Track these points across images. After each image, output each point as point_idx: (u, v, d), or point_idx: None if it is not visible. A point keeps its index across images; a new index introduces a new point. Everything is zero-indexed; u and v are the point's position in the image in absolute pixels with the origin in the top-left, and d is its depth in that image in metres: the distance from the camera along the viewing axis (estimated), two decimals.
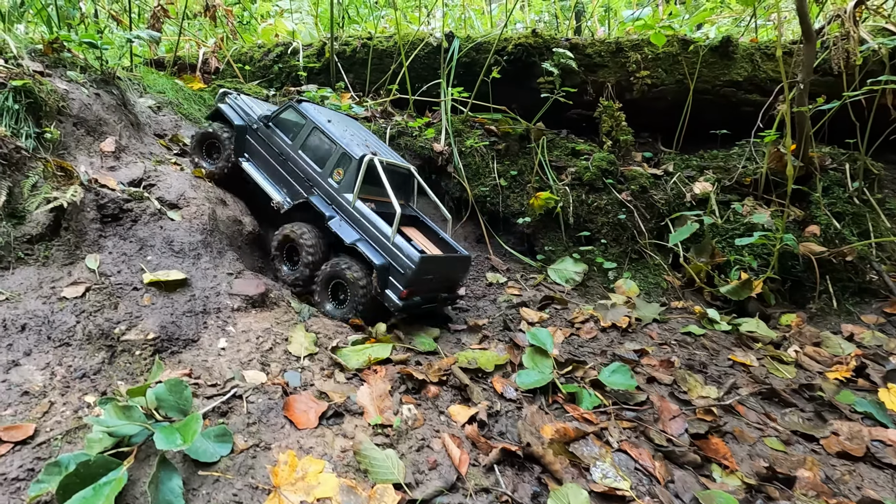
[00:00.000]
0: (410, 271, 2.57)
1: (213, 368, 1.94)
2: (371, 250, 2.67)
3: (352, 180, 2.79)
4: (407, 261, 2.58)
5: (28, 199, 2.41)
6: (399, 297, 2.60)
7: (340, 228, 2.77)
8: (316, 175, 2.93)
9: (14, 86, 2.59)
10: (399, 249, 2.61)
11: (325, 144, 2.93)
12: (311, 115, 2.99)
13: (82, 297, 2.10)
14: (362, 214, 2.75)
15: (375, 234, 2.69)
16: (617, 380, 2.28)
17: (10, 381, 1.76)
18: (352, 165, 2.80)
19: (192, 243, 2.57)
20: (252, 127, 3.19)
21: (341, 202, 2.82)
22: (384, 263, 2.64)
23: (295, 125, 3.06)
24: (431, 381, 2.14)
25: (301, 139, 3.00)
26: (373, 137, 3.35)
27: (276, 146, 3.09)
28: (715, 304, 3.50)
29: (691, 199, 3.93)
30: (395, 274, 2.62)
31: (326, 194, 2.88)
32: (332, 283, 2.75)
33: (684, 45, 4.47)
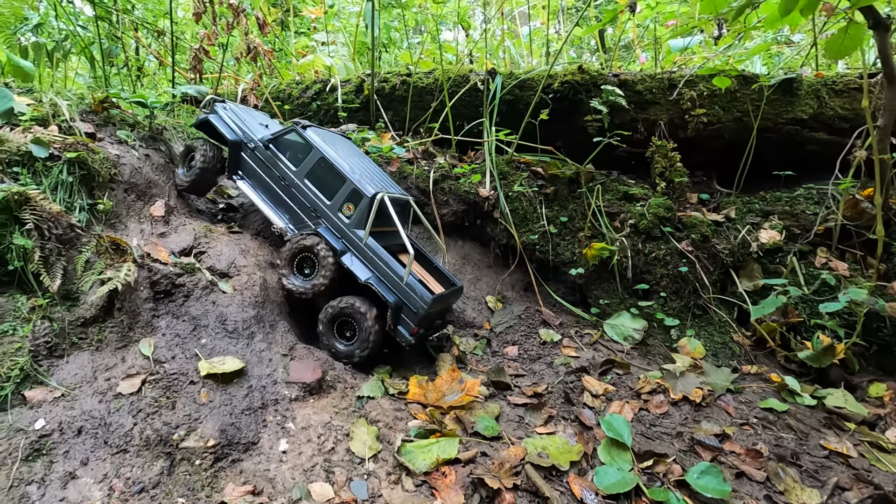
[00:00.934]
0: (423, 311, 2.69)
1: (276, 480, 1.80)
2: (384, 288, 2.74)
3: (363, 217, 2.80)
4: (420, 301, 2.69)
5: (82, 278, 2.34)
6: (410, 333, 2.73)
7: (353, 265, 2.80)
8: (324, 207, 2.91)
9: (68, 157, 2.54)
10: (412, 289, 2.71)
11: (333, 177, 2.88)
12: (317, 145, 2.92)
13: (138, 393, 2.01)
14: (375, 253, 2.80)
15: (388, 272, 2.75)
16: (707, 483, 2.06)
17: (68, 499, 1.66)
18: (363, 202, 2.80)
19: (245, 320, 2.46)
20: (248, 145, 3.09)
21: (352, 238, 2.84)
22: (397, 302, 2.72)
23: (300, 151, 3.00)
24: (506, 487, 1.97)
25: (307, 167, 2.95)
26: (372, 165, 3.32)
27: (278, 170, 3.02)
28: (791, 369, 3.24)
29: (758, 250, 3.68)
30: (408, 312, 2.73)
31: (335, 227, 2.89)
32: (338, 322, 2.78)
33: (744, 82, 4.23)
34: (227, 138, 3.08)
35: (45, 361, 2.05)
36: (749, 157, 4.19)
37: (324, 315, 2.77)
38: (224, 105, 3.30)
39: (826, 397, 2.89)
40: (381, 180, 3.14)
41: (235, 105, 3.39)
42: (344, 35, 7.03)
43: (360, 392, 2.43)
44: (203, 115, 3.22)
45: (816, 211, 3.83)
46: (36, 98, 3.09)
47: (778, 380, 3.02)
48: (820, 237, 3.71)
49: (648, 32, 5.88)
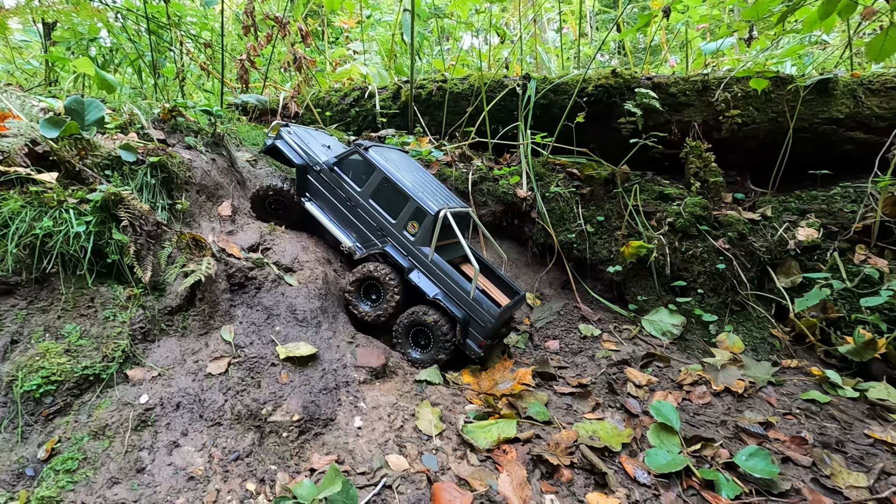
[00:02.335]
0: (490, 324, 2.78)
1: (355, 452, 1.97)
2: (452, 304, 2.83)
3: (427, 235, 2.89)
4: (487, 315, 2.78)
5: (166, 271, 2.56)
6: (479, 346, 2.82)
7: (420, 281, 2.90)
8: (389, 225, 3.00)
9: (151, 161, 2.78)
10: (479, 304, 2.79)
11: (397, 196, 2.97)
12: (380, 165, 3.01)
13: (226, 374, 2.21)
14: (441, 269, 2.89)
15: (455, 288, 2.84)
16: (756, 465, 2.16)
17: (175, 464, 1.86)
18: (427, 220, 2.89)
19: (312, 310, 2.65)
20: (314, 168, 3.20)
21: (418, 255, 2.92)
22: (465, 317, 2.81)
23: (363, 172, 3.08)
24: (564, 464, 2.10)
25: (371, 188, 3.03)
26: (431, 179, 3.37)
27: (343, 190, 3.12)
28: (831, 364, 3.29)
29: (795, 247, 3.74)
30: (476, 326, 2.81)
31: (401, 245, 2.97)
32: (413, 331, 2.90)
33: (778, 83, 4.29)
34: (295, 163, 3.21)
35: (140, 345, 2.27)
36: (785, 157, 4.25)
37: (398, 326, 2.90)
38: (288, 129, 3.39)
39: (868, 390, 2.94)
40: (441, 194, 3.21)
41: (298, 127, 3.49)
42: (378, 44, 7.28)
43: (419, 377, 2.60)
44: (270, 141, 3.34)
45: (854, 209, 3.87)
46: (113, 108, 3.36)
47: (819, 373, 3.09)
48: (858, 234, 3.75)
49: (679, 36, 5.97)
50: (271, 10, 5.66)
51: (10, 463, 1.78)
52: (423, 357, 2.86)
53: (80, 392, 2.02)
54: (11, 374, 1.95)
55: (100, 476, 1.77)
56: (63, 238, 2.22)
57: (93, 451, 1.84)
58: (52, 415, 1.95)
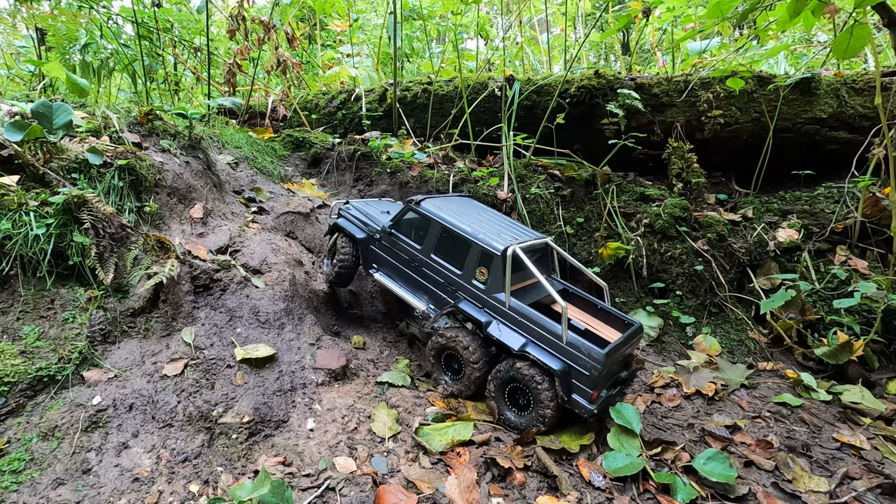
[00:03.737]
0: (596, 371, 2.23)
1: (304, 454, 1.97)
2: (544, 354, 2.36)
3: (499, 277, 2.50)
4: (589, 360, 2.25)
5: (131, 273, 2.58)
6: (589, 401, 2.29)
7: (502, 334, 2.48)
8: (456, 278, 2.67)
9: (119, 164, 2.80)
10: (577, 349, 2.28)
11: (458, 243, 2.65)
12: (434, 216, 2.73)
13: (181, 375, 2.21)
14: (522, 314, 2.45)
15: (543, 334, 2.38)
16: (714, 469, 2.13)
17: (122, 465, 1.87)
18: (495, 262, 2.51)
19: (275, 312, 2.66)
20: (374, 237, 3.02)
21: (493, 304, 2.54)
22: (563, 368, 2.31)
23: (420, 227, 2.85)
24: (517, 467, 2.08)
25: (431, 242, 2.76)
26: (498, 217, 3.00)
27: (405, 252, 2.88)
28: (808, 367, 3.24)
29: (775, 248, 3.70)
30: (579, 376, 2.29)
31: (474, 297, 2.61)
32: (510, 388, 2.46)
33: (760, 83, 4.26)
34: (356, 238, 3.06)
35: (100, 346, 2.28)
36: (767, 158, 4.20)
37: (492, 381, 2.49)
38: (349, 207, 3.26)
39: (842, 393, 2.90)
40: (510, 230, 2.80)
41: (359, 202, 3.34)
42: (368, 47, 7.30)
43: (380, 378, 2.59)
44: (333, 222, 3.25)
45: (836, 209, 3.82)
46: (89, 112, 3.39)
47: (793, 376, 3.05)
48: (840, 236, 3.71)
49: (667, 36, 5.94)
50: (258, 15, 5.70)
51: None
52: (521, 420, 2.41)
53: (34, 393, 2.04)
54: None
55: (45, 477, 1.78)
56: (22, 240, 2.24)
57: (40, 451, 1.86)
58: (4, 416, 1.96)
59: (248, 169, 4.40)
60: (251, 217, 3.61)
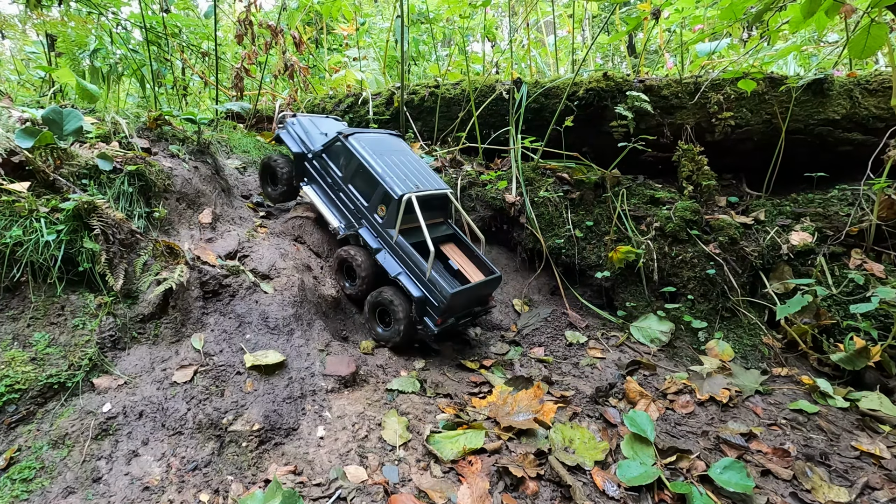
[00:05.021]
0: (443, 304, 2.87)
1: (314, 462, 1.95)
2: (411, 283, 2.97)
3: (393, 217, 3.04)
4: (440, 295, 2.88)
5: (140, 279, 2.57)
6: (434, 325, 2.93)
7: (385, 261, 3.09)
8: (363, 209, 3.20)
9: (129, 170, 2.80)
10: (434, 284, 2.90)
11: (370, 180, 3.13)
12: (356, 151, 3.18)
13: (191, 382, 2.20)
14: (403, 249, 3.04)
15: (414, 268, 2.99)
16: (731, 478, 2.09)
17: (132, 474, 1.85)
18: (392, 203, 3.02)
19: (285, 318, 2.64)
20: (308, 154, 3.46)
21: (385, 237, 3.11)
22: (422, 296, 2.93)
23: (343, 157, 3.28)
24: (529, 476, 2.05)
25: (350, 173, 3.25)
26: (412, 161, 3.45)
27: (329, 176, 3.36)
28: (824, 372, 3.19)
29: (789, 252, 3.64)
30: (431, 305, 2.93)
31: (372, 227, 3.18)
32: (379, 310, 3.12)
33: (772, 84, 4.21)
34: (293, 151, 3.48)
35: (109, 353, 2.28)
36: (779, 160, 4.15)
37: (365, 305, 3.14)
38: (293, 120, 3.67)
39: (860, 400, 2.84)
40: (417, 177, 3.31)
41: (304, 117, 3.76)
42: (375, 50, 7.30)
43: (390, 385, 2.57)
44: (277, 131, 3.67)
45: (851, 212, 3.76)
46: (99, 117, 3.40)
47: (809, 382, 2.99)
48: (854, 239, 3.65)
49: (676, 38, 5.89)
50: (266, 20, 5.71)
51: None
52: (386, 333, 3.06)
53: (45, 401, 2.03)
54: None
55: (55, 485, 1.77)
56: (33, 247, 2.24)
57: (51, 460, 1.85)
58: (15, 423, 1.95)
59: (256, 173, 4.39)
60: (259, 222, 3.60)
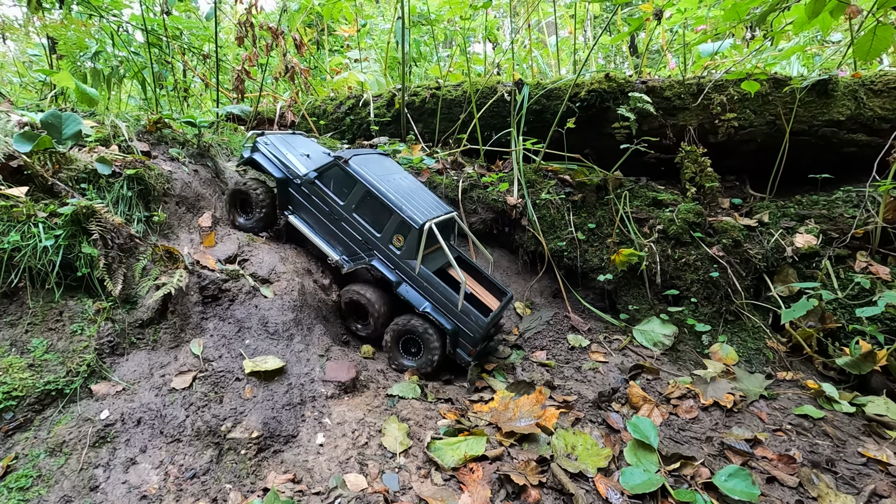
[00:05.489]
0: (479, 334, 2.85)
1: (314, 470, 1.93)
2: (441, 316, 2.88)
3: (413, 247, 2.91)
4: (475, 325, 2.84)
5: (139, 283, 2.56)
6: (468, 355, 2.90)
7: (409, 294, 2.94)
8: (374, 239, 3.01)
9: (128, 174, 2.79)
10: (467, 315, 2.85)
11: (380, 209, 2.95)
12: (361, 178, 2.96)
13: (190, 388, 2.18)
14: (428, 282, 2.92)
15: (442, 299, 2.89)
16: (736, 486, 2.06)
17: (129, 482, 1.83)
18: (412, 234, 2.90)
19: (284, 323, 2.63)
20: (294, 180, 3.14)
21: (405, 268, 2.96)
22: (454, 328, 2.87)
23: (344, 184, 3.03)
24: (531, 484, 2.03)
25: (354, 201, 3.00)
26: (415, 184, 3.32)
27: (326, 204, 3.08)
28: (829, 377, 3.16)
29: (793, 254, 3.61)
30: (464, 335, 2.87)
31: (388, 259, 3.00)
32: (404, 339, 2.96)
33: (775, 85, 4.17)
34: (275, 176, 3.14)
35: (108, 359, 2.26)
36: (783, 161, 4.12)
37: (389, 333, 2.95)
38: (266, 140, 3.30)
39: (866, 405, 2.81)
40: (426, 201, 3.15)
41: (275, 136, 3.40)
42: (376, 52, 7.29)
43: (391, 391, 2.54)
44: (247, 155, 3.29)
45: (856, 214, 3.73)
46: (98, 121, 3.39)
47: (814, 386, 2.96)
48: (860, 241, 3.61)
49: (678, 38, 5.86)
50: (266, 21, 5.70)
51: None
52: (414, 364, 2.92)
53: (42, 408, 2.01)
54: None
55: (52, 494, 1.76)
56: (31, 252, 2.23)
57: (48, 468, 1.83)
58: (12, 431, 1.94)
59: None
60: None
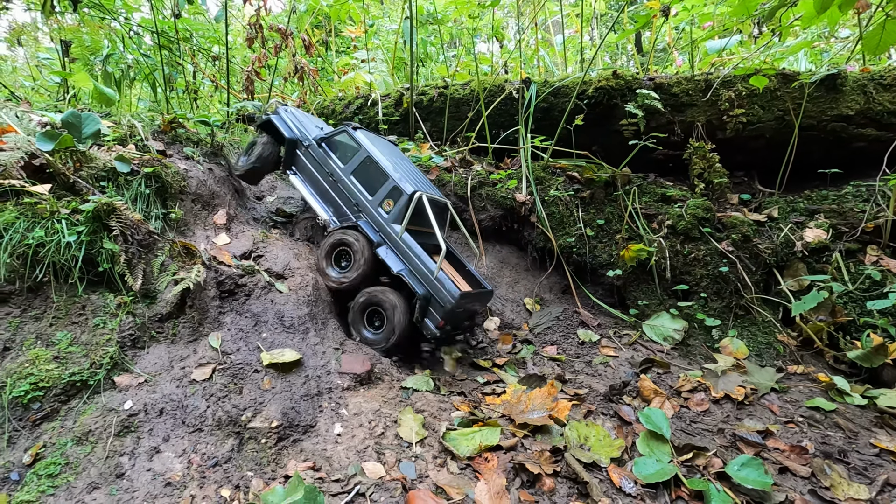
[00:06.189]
0: (450, 305, 2.80)
1: (332, 459, 1.97)
2: (415, 280, 2.87)
3: (400, 213, 2.97)
4: (447, 295, 2.80)
5: (158, 279, 2.61)
6: (436, 327, 2.85)
7: (387, 256, 2.95)
8: (365, 201, 3.10)
9: (146, 172, 2.84)
10: (441, 284, 2.82)
11: (377, 175, 3.08)
12: (364, 145, 3.14)
13: (210, 380, 2.23)
14: (409, 247, 2.94)
15: (420, 266, 2.88)
16: (748, 475, 2.08)
17: (154, 469, 1.88)
18: (402, 199, 2.97)
19: (300, 317, 2.67)
20: (303, 143, 3.35)
21: (389, 232, 3.00)
22: (426, 294, 2.84)
23: (348, 150, 3.22)
24: (546, 473, 2.06)
25: (353, 165, 3.16)
26: (416, 170, 3.46)
27: (327, 166, 3.24)
28: (840, 370, 3.16)
29: (803, 249, 3.62)
30: (435, 306, 2.85)
31: (374, 221, 3.06)
32: (369, 311, 2.91)
33: (784, 80, 4.18)
34: (285, 136, 3.35)
35: (129, 351, 2.31)
36: (791, 156, 4.12)
37: (354, 303, 2.93)
38: (286, 108, 3.58)
39: (878, 397, 2.81)
40: (422, 183, 3.32)
41: (295, 109, 3.67)
42: (383, 52, 7.34)
43: (405, 383, 2.58)
44: (266, 116, 3.51)
45: (866, 208, 3.73)
46: (114, 121, 3.45)
47: (826, 379, 2.97)
48: (870, 235, 3.61)
49: (685, 35, 5.87)
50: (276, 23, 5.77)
51: None
52: (376, 337, 2.87)
53: (68, 398, 2.07)
54: (1, 381, 2.00)
55: (80, 481, 1.81)
56: (55, 247, 2.28)
57: (75, 456, 1.88)
58: (39, 420, 1.99)
59: (268, 176, 4.43)
60: (272, 222, 3.64)
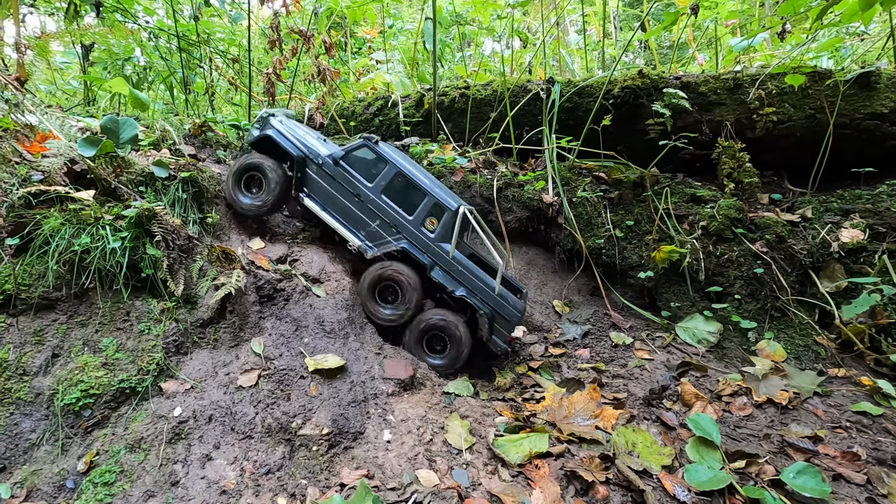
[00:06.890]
0: (517, 319, 2.82)
1: (384, 466, 1.95)
2: (478, 300, 2.84)
3: (448, 231, 2.88)
4: (513, 310, 2.81)
5: (198, 284, 2.61)
6: (504, 342, 2.86)
7: (443, 279, 2.88)
8: (405, 222, 2.91)
9: (182, 177, 2.84)
10: (505, 299, 2.81)
11: (412, 192, 2.90)
12: (392, 159, 2.92)
13: (256, 386, 2.22)
14: (465, 266, 2.88)
15: (479, 284, 2.84)
16: (805, 483, 2.04)
17: (208, 477, 1.87)
18: (445, 216, 2.87)
19: (339, 322, 2.66)
20: (314, 161, 2.99)
21: (437, 252, 2.89)
22: (492, 313, 2.83)
23: (371, 166, 2.95)
24: (599, 481, 2.03)
25: (382, 182, 2.91)
26: (431, 176, 3.28)
27: (350, 186, 2.95)
28: (882, 373, 3.11)
29: (839, 249, 3.56)
30: (501, 321, 2.83)
31: (419, 243, 2.91)
32: (427, 338, 2.86)
33: (815, 78, 4.12)
34: (293, 154, 2.97)
35: (174, 357, 2.31)
36: (825, 155, 4.06)
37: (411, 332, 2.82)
38: (279, 119, 3.15)
39: None
40: (444, 189, 3.17)
41: (286, 119, 3.23)
42: (401, 52, 7.32)
43: (447, 389, 2.56)
44: (259, 132, 3.06)
45: None
46: (146, 125, 3.46)
47: (869, 383, 2.92)
48: None
49: (708, 33, 5.80)
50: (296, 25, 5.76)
51: (52, 475, 1.82)
52: (442, 362, 2.82)
53: (117, 405, 2.06)
54: (52, 388, 2.00)
55: (136, 489, 1.80)
56: (100, 254, 2.28)
57: (129, 463, 1.88)
58: (91, 427, 1.99)
59: None
60: (303, 225, 3.63)
